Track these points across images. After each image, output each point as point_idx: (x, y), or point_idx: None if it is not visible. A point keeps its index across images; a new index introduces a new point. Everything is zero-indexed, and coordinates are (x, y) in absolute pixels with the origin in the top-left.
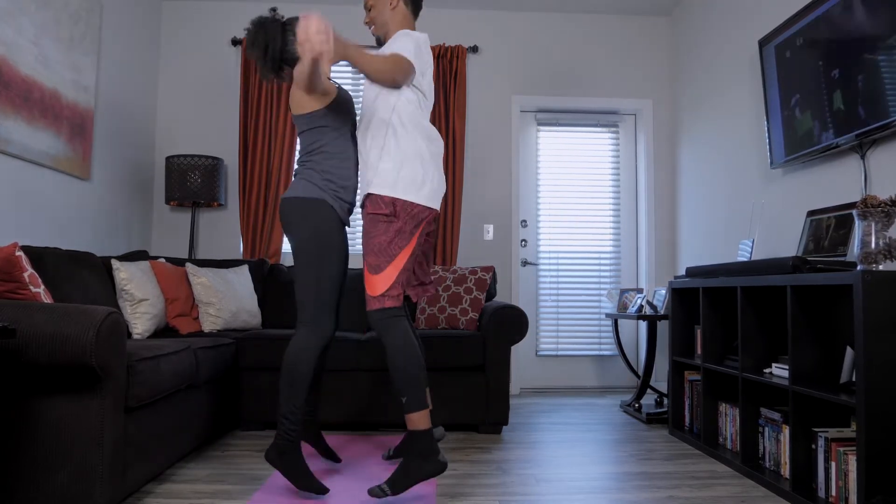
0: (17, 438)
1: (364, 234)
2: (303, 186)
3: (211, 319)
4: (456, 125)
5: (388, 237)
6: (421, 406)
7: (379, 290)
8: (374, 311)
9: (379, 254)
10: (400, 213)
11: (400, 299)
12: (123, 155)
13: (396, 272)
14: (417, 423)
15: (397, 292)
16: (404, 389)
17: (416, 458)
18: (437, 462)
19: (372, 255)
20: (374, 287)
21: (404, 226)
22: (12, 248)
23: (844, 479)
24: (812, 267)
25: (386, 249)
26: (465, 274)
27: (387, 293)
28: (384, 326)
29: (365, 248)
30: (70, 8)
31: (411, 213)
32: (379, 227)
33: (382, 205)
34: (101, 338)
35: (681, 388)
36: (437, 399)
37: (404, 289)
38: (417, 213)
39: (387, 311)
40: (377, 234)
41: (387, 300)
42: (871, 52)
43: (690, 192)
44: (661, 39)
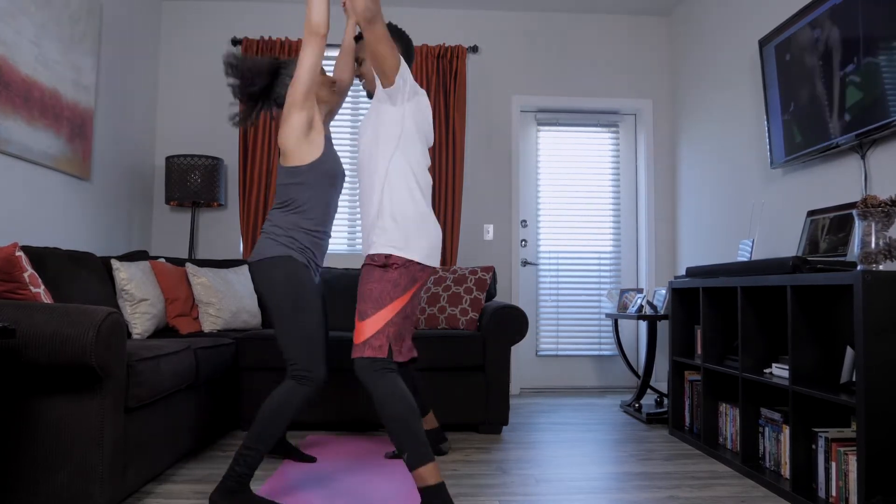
0: (17, 438)
1: (359, 285)
2: (266, 246)
3: (211, 319)
4: (456, 125)
5: (380, 286)
6: (425, 459)
7: (361, 338)
8: (356, 359)
9: (367, 300)
10: (395, 266)
11: (383, 351)
12: (123, 155)
13: (383, 322)
14: (426, 478)
15: (380, 343)
16: (403, 443)
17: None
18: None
19: (361, 301)
20: (359, 334)
21: (399, 279)
22: (12, 248)
23: (844, 479)
24: (812, 267)
25: (376, 297)
26: (465, 274)
27: (368, 342)
28: (368, 378)
29: (358, 297)
30: (70, 8)
31: (408, 269)
32: (373, 275)
33: (378, 258)
34: (101, 338)
35: (681, 388)
36: (436, 399)
37: (389, 343)
38: (413, 270)
39: (367, 361)
40: (370, 281)
41: (367, 349)
42: (871, 52)
43: (690, 192)
44: (661, 39)
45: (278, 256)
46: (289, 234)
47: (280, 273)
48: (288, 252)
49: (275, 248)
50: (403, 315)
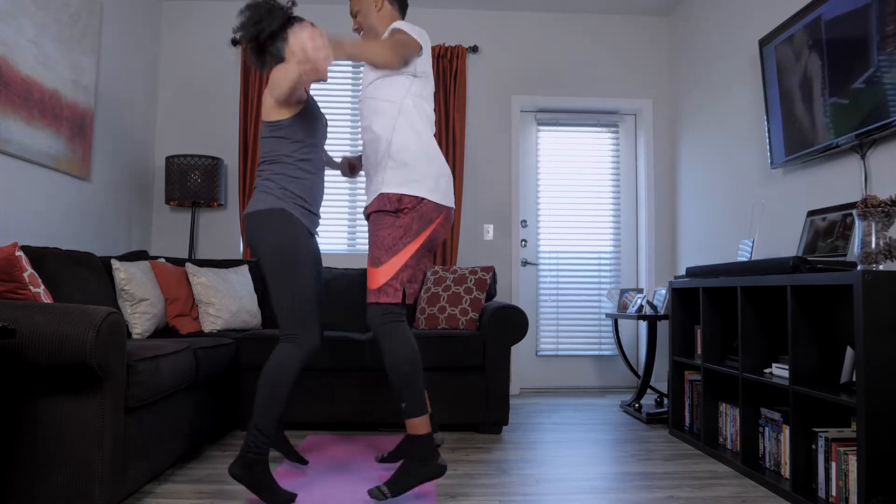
0: (17, 438)
1: (369, 233)
2: (260, 199)
3: (211, 319)
4: (456, 125)
5: (393, 231)
6: (421, 411)
7: (376, 284)
8: (371, 305)
9: (381, 247)
10: (407, 210)
11: (398, 296)
12: (123, 155)
13: (397, 267)
14: (418, 427)
15: (395, 288)
16: (404, 393)
17: (415, 461)
18: (437, 465)
19: (374, 248)
20: (373, 280)
21: (411, 223)
22: (12, 248)
23: (844, 479)
24: (812, 267)
25: (389, 244)
26: (465, 274)
27: (383, 287)
28: (382, 328)
29: (369, 244)
30: (70, 8)
31: (420, 211)
32: (385, 222)
33: (388, 202)
34: (101, 338)
35: (681, 388)
36: (437, 399)
37: (404, 287)
38: (427, 210)
39: (383, 308)
40: (382, 227)
41: (382, 294)
42: (872, 52)
43: (690, 192)
44: (661, 39)
45: (272, 209)
46: (282, 185)
47: (273, 228)
48: (281, 204)
49: (268, 200)
50: (418, 257)
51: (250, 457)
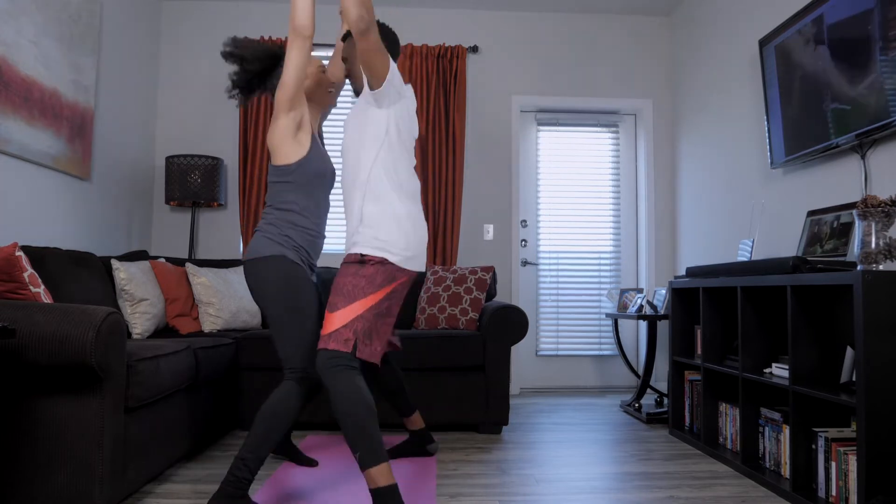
0: (17, 438)
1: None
2: (261, 244)
3: (211, 319)
4: (456, 125)
5: (354, 280)
6: (377, 460)
7: (327, 329)
8: (318, 350)
9: (339, 293)
10: (371, 263)
11: (349, 345)
12: (123, 155)
13: (352, 316)
14: (377, 479)
15: (346, 336)
16: (355, 442)
17: None
18: None
19: (333, 293)
20: (326, 325)
21: (375, 275)
22: (12, 248)
23: (844, 479)
24: (812, 267)
25: (348, 291)
26: (465, 274)
27: (334, 334)
28: (326, 373)
29: (331, 290)
30: (70, 8)
31: (385, 267)
32: (349, 270)
33: (354, 256)
34: (101, 338)
35: (681, 388)
36: (437, 399)
37: (357, 338)
38: (391, 269)
39: (330, 353)
40: (345, 275)
41: (332, 342)
42: (872, 52)
43: (690, 192)
44: (661, 39)
45: (272, 256)
46: (283, 232)
47: (274, 272)
48: (282, 251)
49: (269, 246)
50: (375, 312)
51: (231, 490)
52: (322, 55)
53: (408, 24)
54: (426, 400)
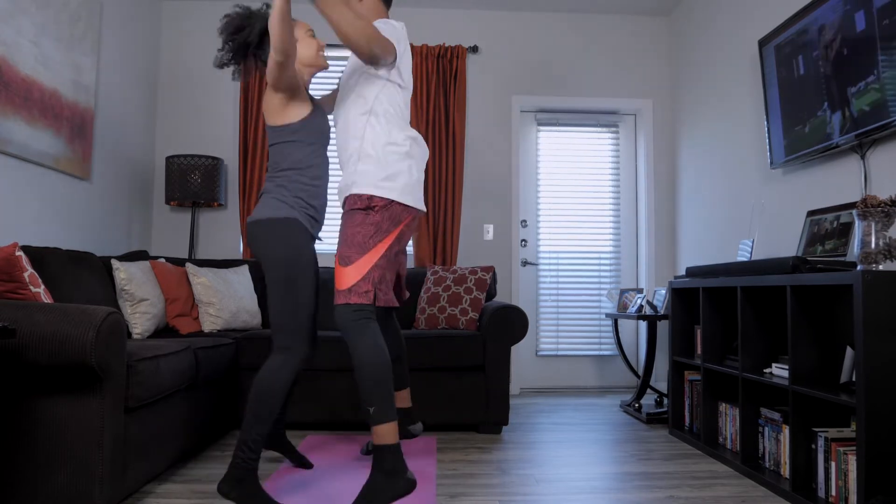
0: (17, 438)
1: (340, 230)
2: (272, 206)
3: (211, 319)
4: (456, 125)
5: (363, 230)
6: (389, 417)
7: (346, 284)
8: (339, 305)
9: (351, 245)
10: (377, 208)
11: (369, 297)
12: (123, 155)
13: (368, 267)
14: (385, 436)
15: (366, 288)
16: (371, 398)
17: (382, 475)
18: (406, 480)
19: (344, 246)
20: (342, 280)
21: (382, 222)
22: (12, 248)
23: (844, 479)
24: (812, 267)
25: (359, 242)
26: (465, 274)
27: (354, 288)
28: (350, 326)
29: (339, 241)
30: (70, 8)
31: (390, 211)
32: (355, 219)
33: (359, 200)
34: (101, 338)
35: (681, 388)
36: (437, 399)
37: (375, 288)
38: (396, 212)
39: (353, 307)
40: (352, 225)
41: (353, 295)
42: (871, 52)
43: (690, 192)
44: (661, 39)
45: (285, 219)
46: (295, 193)
47: (282, 237)
48: (293, 213)
49: (280, 208)
50: (387, 258)
51: (238, 472)
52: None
53: (408, 24)
54: (426, 400)
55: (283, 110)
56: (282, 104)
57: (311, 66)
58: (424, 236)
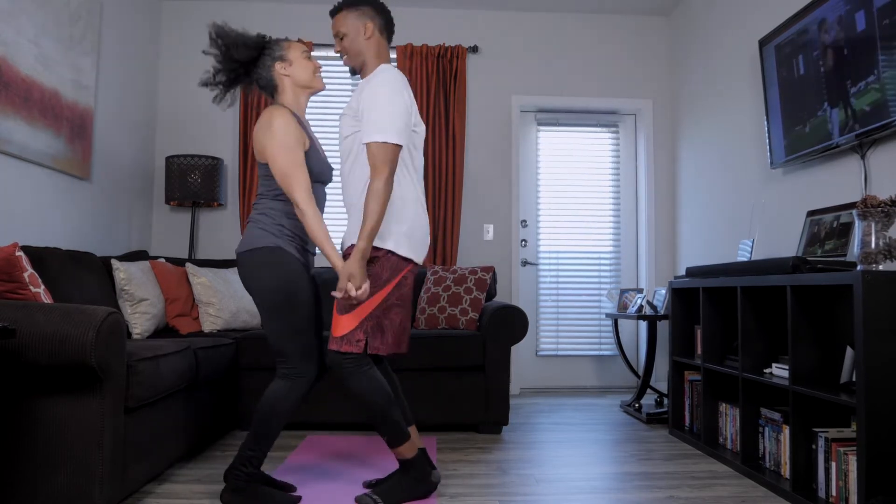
0: (16, 438)
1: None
2: (256, 236)
3: (211, 319)
4: (456, 125)
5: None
6: (402, 439)
7: (340, 332)
8: (332, 352)
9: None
10: (377, 259)
11: (360, 346)
12: (123, 155)
13: (361, 316)
14: (405, 454)
15: (358, 338)
16: (380, 428)
17: (409, 480)
18: (431, 483)
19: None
20: (337, 327)
21: (381, 272)
22: (12, 248)
23: (844, 479)
24: (812, 267)
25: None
26: (465, 274)
27: (347, 336)
28: (343, 374)
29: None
30: (70, 8)
31: (389, 261)
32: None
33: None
34: (101, 338)
35: (681, 388)
36: (437, 399)
37: (367, 337)
38: (395, 261)
39: (344, 356)
40: None
41: (345, 344)
42: (872, 52)
43: (690, 192)
44: (661, 39)
45: (268, 248)
46: (277, 221)
47: (270, 266)
48: (277, 242)
49: (264, 237)
50: (384, 307)
51: (240, 485)
52: (321, 55)
53: (408, 24)
54: (426, 400)
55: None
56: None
57: (308, 89)
58: None
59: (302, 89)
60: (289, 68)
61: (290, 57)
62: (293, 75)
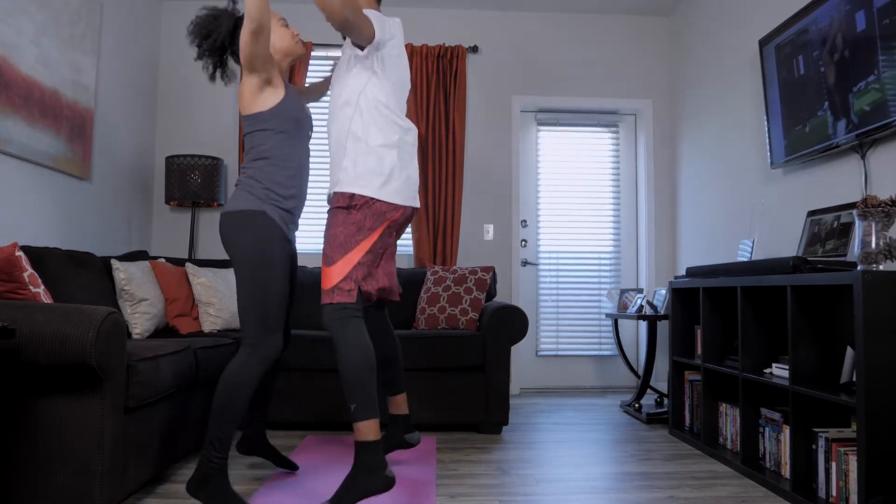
0: (17, 438)
1: (325, 228)
2: (241, 198)
3: (211, 319)
4: (456, 125)
5: (345, 229)
6: (372, 414)
7: (329, 283)
8: (324, 305)
9: (333, 245)
10: (359, 206)
11: (353, 295)
12: (123, 155)
13: (350, 266)
14: (366, 433)
15: (349, 287)
16: (354, 395)
17: (362, 471)
18: (385, 477)
19: (327, 245)
20: (326, 279)
21: (364, 220)
22: (12, 248)
23: (845, 479)
24: (812, 267)
25: (341, 241)
26: (465, 274)
27: (337, 286)
28: (333, 324)
29: (323, 241)
30: (70, 8)
31: (372, 209)
32: (337, 219)
33: (341, 199)
34: (101, 338)
35: (681, 388)
36: (437, 399)
37: (359, 285)
38: (379, 209)
39: (336, 306)
40: (334, 225)
41: (336, 294)
42: (872, 52)
43: (690, 192)
44: (661, 39)
45: (253, 211)
46: (266, 186)
47: (250, 230)
48: (263, 206)
49: (249, 200)
50: (372, 255)
51: (205, 471)
52: (322, 55)
53: (408, 24)
54: (426, 400)
55: (255, 98)
56: (254, 92)
57: (289, 55)
58: (424, 236)
59: (283, 56)
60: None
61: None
62: (273, 43)
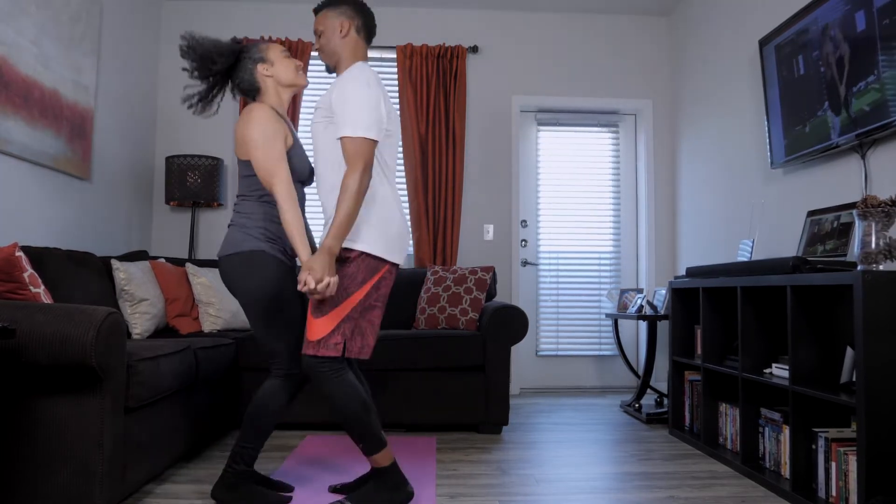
0: (16, 438)
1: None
2: (238, 240)
3: (211, 319)
4: (456, 125)
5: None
6: (380, 446)
7: (316, 336)
8: (307, 356)
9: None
10: (351, 260)
11: (338, 349)
12: (123, 155)
13: (338, 319)
14: (381, 461)
15: (336, 341)
16: (360, 436)
17: (386, 489)
18: (406, 492)
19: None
20: (313, 331)
21: (356, 272)
22: (12, 248)
23: (844, 479)
24: (812, 267)
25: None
26: (465, 274)
27: (323, 340)
28: (324, 377)
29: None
30: (70, 8)
31: (365, 262)
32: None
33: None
34: (101, 338)
35: (681, 388)
36: (437, 399)
37: (346, 341)
38: (371, 263)
39: (320, 360)
40: None
41: (322, 348)
42: (872, 52)
43: (690, 192)
44: (661, 39)
45: (251, 251)
46: (259, 224)
47: (252, 270)
48: (260, 245)
49: (245, 241)
50: (361, 309)
51: (232, 480)
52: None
53: (408, 24)
54: (426, 400)
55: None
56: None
57: (292, 87)
58: (424, 236)
59: (285, 88)
60: (271, 69)
61: (270, 58)
62: (276, 75)
